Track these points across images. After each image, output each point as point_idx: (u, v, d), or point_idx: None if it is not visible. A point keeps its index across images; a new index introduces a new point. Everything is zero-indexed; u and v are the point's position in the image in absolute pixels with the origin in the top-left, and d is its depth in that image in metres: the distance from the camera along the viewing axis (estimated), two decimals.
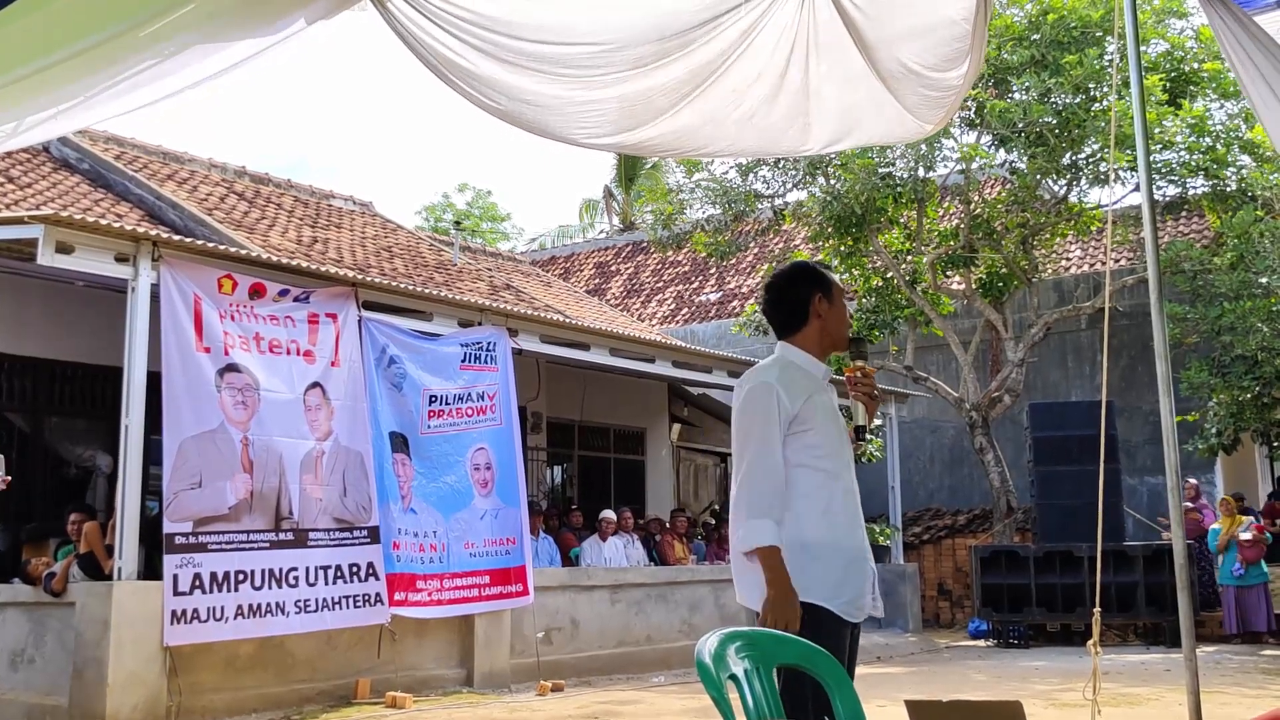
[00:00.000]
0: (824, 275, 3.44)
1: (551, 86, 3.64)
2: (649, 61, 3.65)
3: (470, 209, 39.22)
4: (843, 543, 3.22)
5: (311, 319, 9.40)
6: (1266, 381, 14.27)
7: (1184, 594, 5.06)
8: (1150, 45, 15.08)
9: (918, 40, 3.96)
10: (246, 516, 8.59)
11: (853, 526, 3.27)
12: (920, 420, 19.73)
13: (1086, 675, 5.46)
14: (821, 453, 3.24)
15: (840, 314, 3.38)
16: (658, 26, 3.56)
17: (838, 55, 3.97)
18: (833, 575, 3.18)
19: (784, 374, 3.30)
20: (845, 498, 3.26)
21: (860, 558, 3.27)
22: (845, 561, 3.22)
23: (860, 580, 3.24)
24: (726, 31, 3.71)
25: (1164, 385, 5.07)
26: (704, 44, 3.70)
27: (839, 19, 3.84)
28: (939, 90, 4.16)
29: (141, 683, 7.89)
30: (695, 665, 2.54)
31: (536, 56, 3.47)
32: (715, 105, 3.97)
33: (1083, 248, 20.23)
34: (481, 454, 10.46)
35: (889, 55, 4.00)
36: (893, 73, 4.06)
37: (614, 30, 3.52)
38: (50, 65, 2.46)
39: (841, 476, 3.27)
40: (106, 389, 10.61)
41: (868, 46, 3.95)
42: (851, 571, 3.22)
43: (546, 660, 10.71)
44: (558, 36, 3.46)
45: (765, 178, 17.31)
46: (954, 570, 18.08)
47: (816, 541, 3.19)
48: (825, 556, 3.19)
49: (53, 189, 12.58)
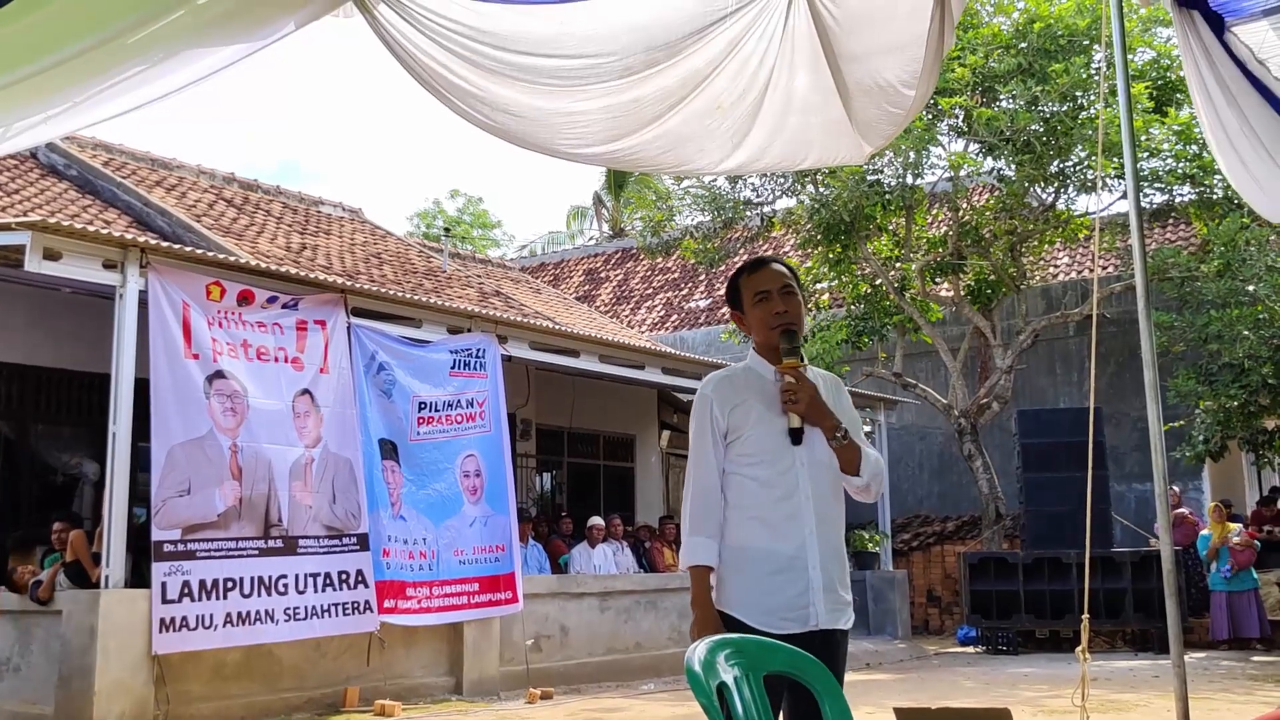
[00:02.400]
0: (733, 285, 3.33)
1: (535, 98, 3.62)
2: (637, 71, 3.65)
3: (461, 215, 39.21)
4: (773, 550, 3.08)
5: (300, 326, 9.39)
6: (1253, 389, 14.32)
7: (1172, 600, 5.07)
8: (1136, 54, 15.15)
9: (896, 54, 3.95)
10: (235, 524, 8.56)
11: (789, 534, 3.09)
12: (909, 427, 19.77)
13: (1075, 681, 5.47)
14: (753, 460, 3.13)
15: (756, 315, 3.24)
16: (645, 38, 3.56)
17: (810, 70, 3.97)
18: (752, 586, 3.07)
19: (725, 381, 3.24)
20: (779, 504, 3.10)
21: (794, 566, 3.08)
22: (770, 570, 3.07)
23: (792, 589, 3.06)
24: (714, 42, 3.71)
25: (1151, 392, 5.08)
26: (690, 55, 3.70)
27: (814, 31, 3.84)
28: (900, 108, 4.12)
29: (128, 691, 7.85)
30: (685, 673, 2.54)
31: (520, 67, 3.47)
32: (697, 119, 3.95)
33: (1070, 255, 20.30)
34: (471, 461, 10.45)
35: (863, 69, 3.99)
36: (863, 87, 4.04)
37: (601, 41, 3.52)
38: (38, 72, 2.45)
39: (775, 484, 3.11)
40: (93, 396, 10.57)
41: (840, 60, 3.94)
42: (780, 581, 3.07)
43: (536, 668, 10.70)
44: (543, 48, 3.45)
45: (754, 185, 17.36)
46: (943, 577, 18.10)
47: (738, 551, 3.10)
48: (746, 566, 3.09)
49: (40, 195, 12.54)
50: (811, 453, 3.15)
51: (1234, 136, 4.79)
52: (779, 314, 3.21)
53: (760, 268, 3.30)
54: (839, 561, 3.18)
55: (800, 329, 3.26)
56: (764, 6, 3.73)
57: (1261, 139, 4.83)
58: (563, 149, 3.93)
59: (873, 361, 18.42)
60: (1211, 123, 4.77)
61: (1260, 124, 4.82)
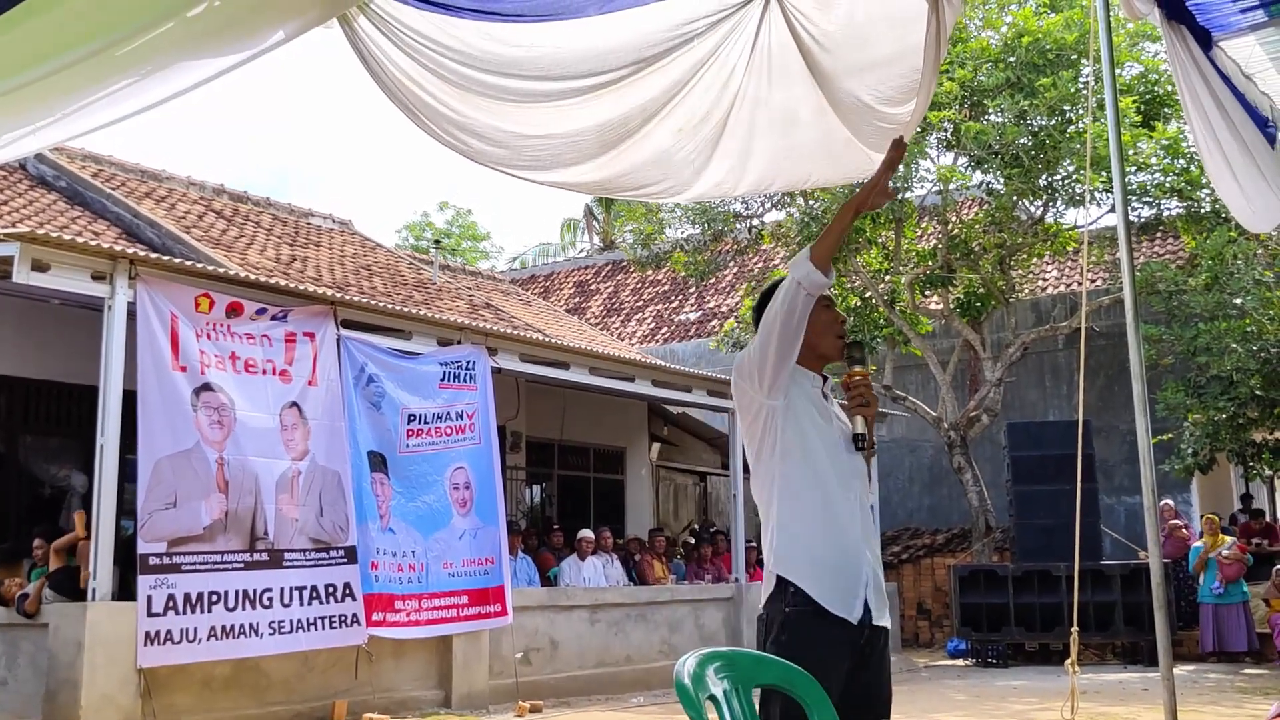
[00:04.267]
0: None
1: (499, 119, 3.62)
2: (599, 90, 3.65)
3: (450, 227, 39.20)
4: (837, 543, 3.14)
5: (289, 338, 9.37)
6: (1242, 402, 14.37)
7: (1161, 613, 5.08)
8: (1124, 68, 15.23)
9: (878, 71, 3.95)
10: (221, 537, 8.52)
11: (848, 530, 3.15)
12: (899, 440, 19.79)
13: (1065, 694, 5.48)
14: (814, 465, 3.14)
15: (821, 320, 3.22)
16: (611, 59, 3.57)
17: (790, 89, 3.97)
18: (819, 567, 3.13)
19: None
20: (838, 505, 3.14)
21: (852, 560, 3.15)
22: (835, 560, 3.13)
23: (851, 579, 3.14)
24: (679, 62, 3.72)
25: (1140, 405, 5.10)
26: (660, 71, 3.70)
27: (795, 51, 3.84)
28: (890, 124, 4.12)
29: (115, 705, 7.81)
30: (674, 686, 2.53)
31: (491, 85, 3.47)
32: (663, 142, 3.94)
33: (1059, 268, 20.37)
34: (460, 473, 10.42)
35: (843, 88, 3.99)
36: (847, 105, 4.05)
37: (567, 64, 3.53)
38: (25, 84, 2.44)
39: (834, 486, 3.16)
40: (82, 408, 10.53)
41: (824, 78, 3.94)
42: (844, 567, 3.13)
43: (525, 681, 10.66)
44: (512, 68, 3.46)
45: (744, 198, 17.37)
46: (933, 590, 18.10)
47: (803, 537, 3.14)
48: (815, 547, 3.14)
49: (29, 206, 12.50)
50: (858, 462, 3.24)
51: (1225, 146, 4.81)
52: (843, 322, 3.30)
53: None
54: (880, 564, 3.28)
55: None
56: (733, 28, 3.74)
57: (1251, 151, 4.86)
58: (523, 172, 3.89)
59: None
60: (1204, 133, 4.79)
61: (1249, 136, 4.85)
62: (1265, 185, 5.02)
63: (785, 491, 3.16)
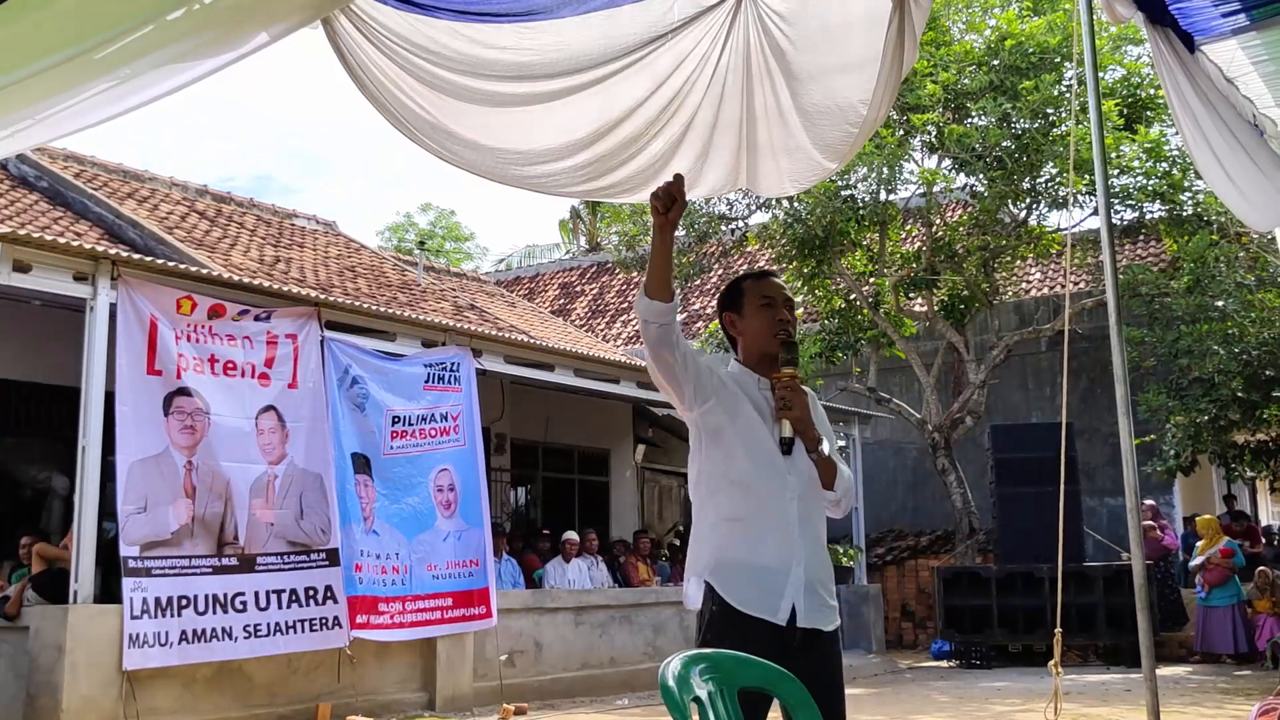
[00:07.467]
0: (735, 288, 3.33)
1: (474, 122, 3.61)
2: (568, 93, 3.65)
3: (433, 229, 39.13)
4: (755, 565, 3.09)
5: (270, 339, 9.33)
6: (1223, 404, 14.44)
7: (1143, 614, 5.09)
8: (1107, 71, 15.30)
9: (855, 73, 3.94)
10: (188, 541, 8.49)
11: (772, 545, 3.09)
12: (883, 441, 19.82)
13: (1048, 696, 5.50)
14: (740, 468, 3.12)
15: (754, 324, 3.23)
16: (581, 59, 3.57)
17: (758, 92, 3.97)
18: (733, 589, 3.11)
19: (719, 363, 3.27)
20: (762, 513, 3.11)
21: (775, 575, 3.09)
22: (750, 579, 3.09)
23: (770, 586, 3.09)
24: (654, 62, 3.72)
25: (1123, 407, 5.12)
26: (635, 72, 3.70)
27: (767, 53, 3.84)
28: (859, 125, 4.11)
29: (97, 708, 7.77)
30: (659, 688, 2.53)
31: (466, 89, 3.47)
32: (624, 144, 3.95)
33: (1043, 270, 20.44)
34: (445, 475, 10.40)
35: (819, 89, 3.98)
36: (820, 108, 4.03)
37: (539, 65, 3.53)
38: (4, 87, 2.43)
39: (761, 492, 3.12)
40: (63, 410, 10.46)
41: (794, 80, 3.94)
42: (761, 582, 3.10)
43: (510, 683, 10.64)
44: (485, 69, 3.46)
45: (729, 200, 17.39)
46: (917, 591, 18.14)
47: (721, 564, 3.13)
48: (732, 575, 3.12)
49: (10, 206, 12.42)
50: (795, 464, 3.16)
51: (1217, 147, 4.81)
52: (783, 322, 3.23)
53: (768, 276, 3.35)
54: (824, 567, 3.17)
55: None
56: (705, 30, 3.74)
57: (1245, 148, 4.86)
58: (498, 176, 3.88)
59: (847, 376, 18.47)
60: (1193, 135, 4.79)
61: (1241, 132, 4.85)
62: (1263, 180, 4.99)
63: (701, 491, 3.19)
